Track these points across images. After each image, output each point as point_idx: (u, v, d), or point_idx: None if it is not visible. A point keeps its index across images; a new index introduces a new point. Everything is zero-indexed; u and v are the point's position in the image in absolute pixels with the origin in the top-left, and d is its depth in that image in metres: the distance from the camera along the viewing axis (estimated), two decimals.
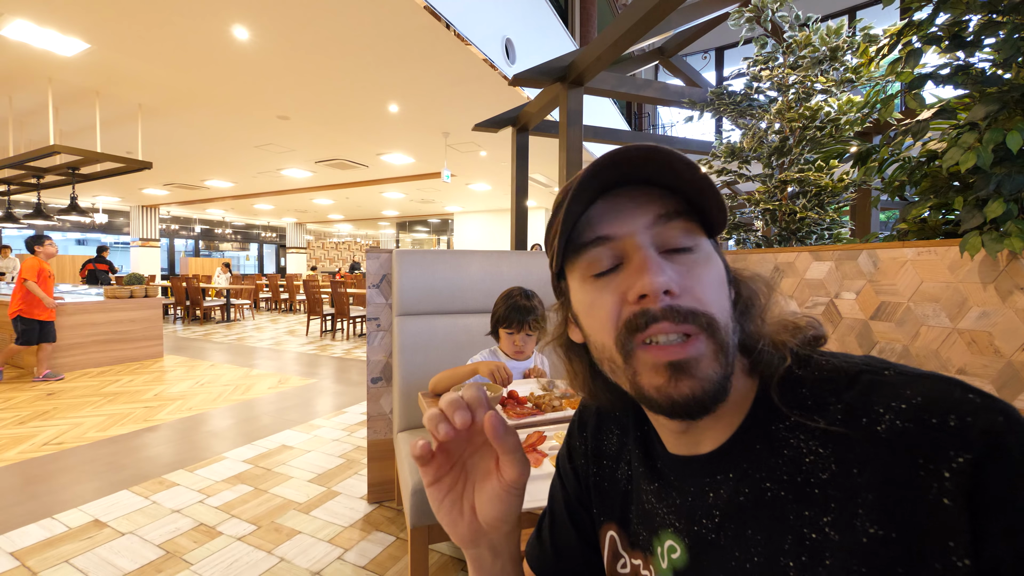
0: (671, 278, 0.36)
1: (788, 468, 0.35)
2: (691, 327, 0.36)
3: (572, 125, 3.65)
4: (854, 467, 0.32)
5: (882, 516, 0.30)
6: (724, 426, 0.40)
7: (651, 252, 0.37)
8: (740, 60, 4.40)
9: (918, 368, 0.34)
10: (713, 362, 0.36)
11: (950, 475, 0.28)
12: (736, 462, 0.39)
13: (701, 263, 0.38)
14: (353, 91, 4.72)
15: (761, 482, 0.37)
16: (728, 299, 0.39)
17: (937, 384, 0.32)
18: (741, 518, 0.37)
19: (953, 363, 1.65)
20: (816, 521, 0.33)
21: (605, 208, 0.40)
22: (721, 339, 0.36)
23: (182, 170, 8.69)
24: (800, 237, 2.84)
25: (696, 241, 0.38)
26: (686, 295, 0.36)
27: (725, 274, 0.40)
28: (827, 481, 0.33)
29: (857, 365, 0.36)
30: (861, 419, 0.32)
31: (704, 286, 0.37)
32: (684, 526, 0.41)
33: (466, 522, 0.43)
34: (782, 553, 0.34)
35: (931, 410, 0.30)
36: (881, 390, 0.33)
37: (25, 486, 2.41)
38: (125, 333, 5.38)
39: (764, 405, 0.39)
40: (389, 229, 20.27)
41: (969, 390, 0.31)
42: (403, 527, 2.04)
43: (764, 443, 0.37)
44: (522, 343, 1.67)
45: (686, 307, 0.36)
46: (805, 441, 0.35)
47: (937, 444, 0.29)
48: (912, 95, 1.81)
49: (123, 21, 3.36)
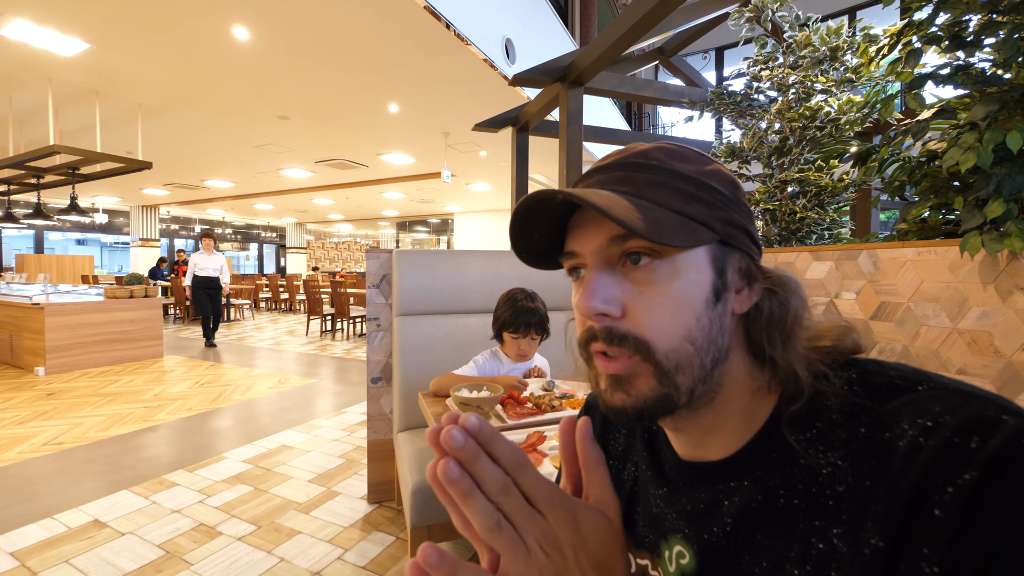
0: (609, 301, 0.38)
1: (804, 478, 0.35)
2: (622, 350, 0.37)
3: (572, 125, 3.65)
4: (867, 479, 0.31)
5: (883, 528, 0.29)
6: (733, 435, 0.40)
7: (595, 274, 0.39)
8: (740, 60, 4.40)
9: (958, 381, 0.33)
10: (651, 380, 0.37)
11: (953, 490, 0.27)
12: (750, 469, 0.38)
13: (659, 282, 0.37)
14: (353, 91, 4.72)
15: (775, 489, 0.36)
16: (699, 317, 0.37)
17: (971, 402, 0.30)
18: (752, 524, 0.37)
19: (953, 363, 1.64)
20: (826, 532, 0.33)
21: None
22: (658, 362, 0.37)
23: (182, 170, 8.68)
24: (800, 237, 2.84)
25: (653, 259, 0.37)
26: (628, 318, 0.38)
27: (706, 288, 0.38)
28: (842, 493, 0.33)
29: (890, 381, 0.35)
30: (884, 433, 0.32)
31: (652, 308, 0.37)
32: (694, 533, 0.41)
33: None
34: (788, 561, 0.34)
35: (956, 429, 0.29)
36: (911, 407, 0.32)
37: (25, 486, 2.41)
38: (125, 333, 5.38)
39: (780, 420, 0.38)
40: (389, 229, 20.27)
41: (1006, 410, 0.29)
42: (403, 527, 2.04)
43: (781, 452, 0.37)
44: (527, 347, 1.67)
45: (621, 330, 0.37)
46: (824, 453, 0.34)
47: (951, 461, 0.28)
48: (912, 95, 1.81)
49: (123, 21, 3.36)
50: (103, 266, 17.73)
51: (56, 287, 6.79)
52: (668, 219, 0.36)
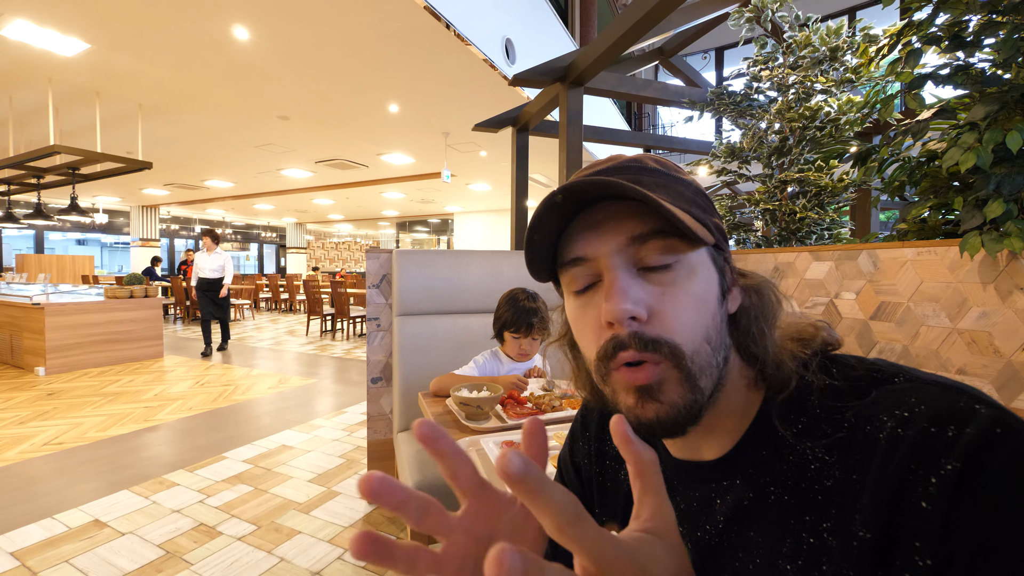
0: (638, 303, 0.36)
1: (793, 474, 0.36)
2: (654, 355, 0.36)
3: (572, 125, 3.65)
4: (854, 473, 0.32)
5: (870, 519, 0.30)
6: (727, 434, 0.41)
7: (620, 275, 0.37)
8: (740, 60, 4.40)
9: (931, 374, 0.34)
10: (679, 387, 0.36)
11: (936, 480, 0.28)
12: (742, 468, 0.39)
13: (680, 281, 0.37)
14: (353, 91, 4.72)
15: (766, 486, 0.37)
16: (714, 316, 0.38)
17: (944, 393, 0.31)
18: (745, 520, 0.38)
19: (953, 363, 1.65)
20: (816, 527, 0.33)
21: (583, 225, 0.39)
22: (687, 367, 0.36)
23: (182, 170, 8.69)
24: (800, 237, 2.84)
25: (676, 258, 0.37)
26: (654, 321, 0.36)
27: (716, 287, 0.39)
28: (831, 488, 0.33)
29: (869, 373, 0.36)
30: (865, 427, 0.33)
31: (676, 310, 0.36)
32: (688, 531, 0.42)
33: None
34: (780, 556, 0.35)
35: (932, 418, 0.30)
36: (888, 398, 0.33)
37: (25, 486, 2.41)
38: (125, 333, 5.38)
39: (770, 414, 0.39)
40: (389, 229, 20.27)
41: (978, 400, 0.30)
42: (403, 527, 2.04)
43: (771, 450, 0.38)
44: (528, 346, 1.67)
45: (651, 335, 0.36)
46: (812, 448, 0.35)
47: (931, 451, 0.29)
48: (912, 95, 1.81)
49: (123, 21, 3.36)
50: (103, 266, 17.72)
51: (56, 287, 6.78)
52: (689, 216, 0.37)
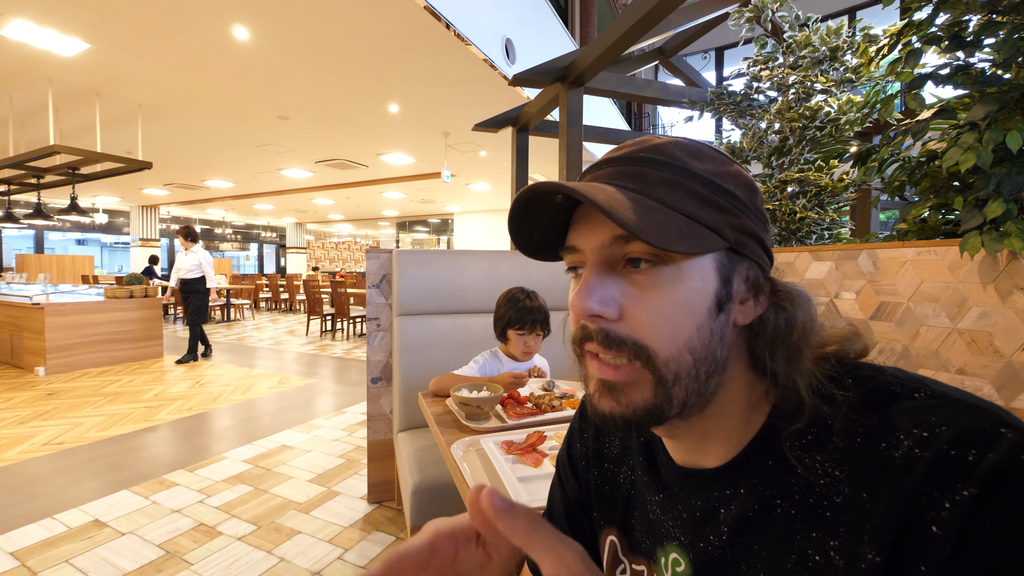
0: (606, 303, 0.36)
1: (801, 487, 0.34)
2: (620, 355, 0.36)
3: (572, 125, 3.65)
4: (864, 491, 0.31)
5: (880, 542, 0.29)
6: (732, 440, 0.39)
7: (593, 273, 0.37)
8: (740, 60, 4.40)
9: (956, 390, 0.32)
10: (644, 390, 0.36)
11: (950, 506, 0.27)
12: (746, 477, 0.38)
13: (661, 285, 0.35)
14: (353, 91, 4.72)
15: (772, 499, 0.36)
16: (700, 326, 0.36)
17: (969, 413, 0.29)
18: (749, 533, 0.37)
19: (953, 363, 1.65)
20: (823, 544, 0.32)
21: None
22: (659, 373, 0.35)
23: (182, 170, 8.69)
24: (800, 237, 2.84)
25: (660, 260, 0.36)
26: (627, 321, 0.36)
27: (709, 296, 0.36)
28: (840, 505, 0.32)
29: (886, 385, 0.34)
30: (880, 444, 0.31)
31: (650, 313, 0.35)
32: (690, 541, 0.41)
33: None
34: (785, 572, 0.34)
35: (953, 440, 0.28)
36: (906, 416, 0.31)
37: (25, 486, 2.41)
38: (125, 333, 5.38)
39: (777, 426, 0.37)
40: (389, 229, 20.27)
41: (1004, 423, 0.28)
42: (403, 527, 2.04)
43: (777, 460, 0.36)
44: (533, 343, 1.67)
45: (619, 334, 0.36)
46: (821, 462, 0.33)
47: (949, 475, 0.27)
48: (912, 95, 1.81)
49: (123, 21, 3.36)
50: (103, 266, 17.73)
51: (56, 287, 6.79)
52: (675, 223, 0.35)
